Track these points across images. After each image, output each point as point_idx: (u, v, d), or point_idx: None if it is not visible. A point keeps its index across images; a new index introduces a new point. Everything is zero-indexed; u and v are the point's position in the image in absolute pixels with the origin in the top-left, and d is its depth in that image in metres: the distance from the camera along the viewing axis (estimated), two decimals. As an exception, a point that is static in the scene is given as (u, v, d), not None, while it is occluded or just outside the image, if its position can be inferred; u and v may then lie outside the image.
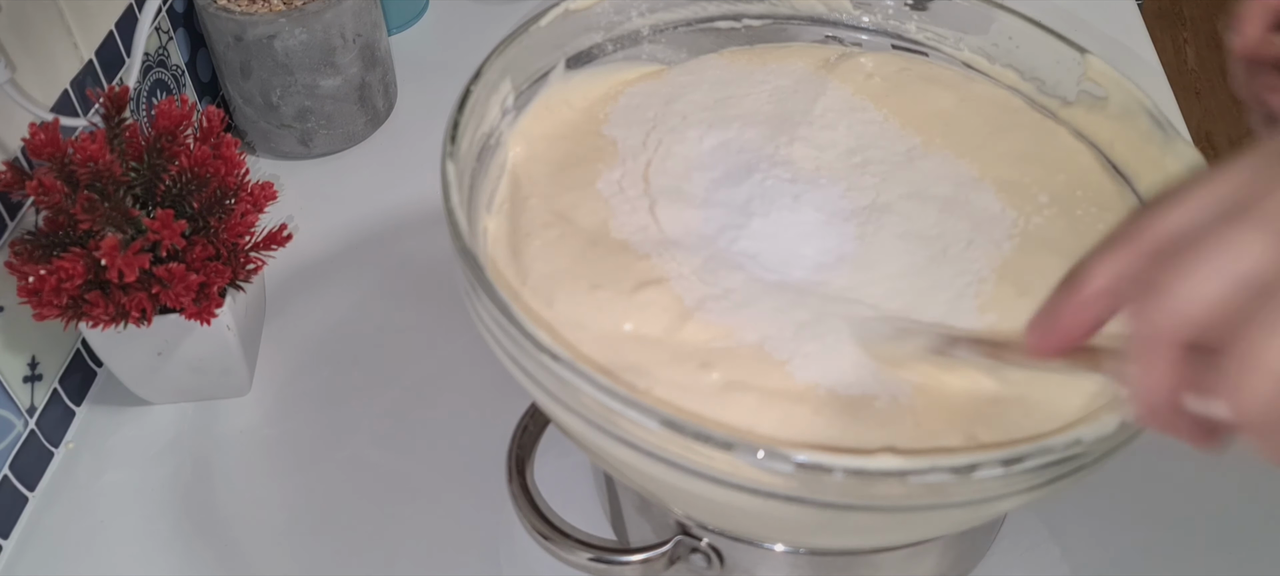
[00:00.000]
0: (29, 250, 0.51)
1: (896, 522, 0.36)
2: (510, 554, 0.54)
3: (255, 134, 0.76)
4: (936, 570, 0.49)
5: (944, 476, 0.32)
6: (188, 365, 0.58)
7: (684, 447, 0.33)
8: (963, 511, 0.35)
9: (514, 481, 0.46)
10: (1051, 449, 0.32)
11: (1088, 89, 0.48)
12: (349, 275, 0.69)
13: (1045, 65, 0.49)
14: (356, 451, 0.59)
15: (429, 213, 0.71)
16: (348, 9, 0.71)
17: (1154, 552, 0.52)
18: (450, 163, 0.41)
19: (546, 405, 0.38)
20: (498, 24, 0.86)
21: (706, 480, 0.34)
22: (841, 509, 0.34)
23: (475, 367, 0.62)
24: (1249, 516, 0.54)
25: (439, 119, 0.42)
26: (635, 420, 0.33)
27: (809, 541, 0.44)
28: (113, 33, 0.65)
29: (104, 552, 0.55)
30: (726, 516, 0.41)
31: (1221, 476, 0.55)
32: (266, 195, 0.55)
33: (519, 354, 0.36)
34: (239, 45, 0.70)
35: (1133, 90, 0.46)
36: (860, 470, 0.32)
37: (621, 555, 0.45)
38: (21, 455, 0.56)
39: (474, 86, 0.44)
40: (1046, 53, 0.49)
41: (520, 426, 0.48)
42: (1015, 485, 0.33)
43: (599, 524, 0.54)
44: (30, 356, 0.57)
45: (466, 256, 0.38)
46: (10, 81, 0.53)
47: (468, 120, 0.43)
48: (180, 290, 0.51)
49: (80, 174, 0.50)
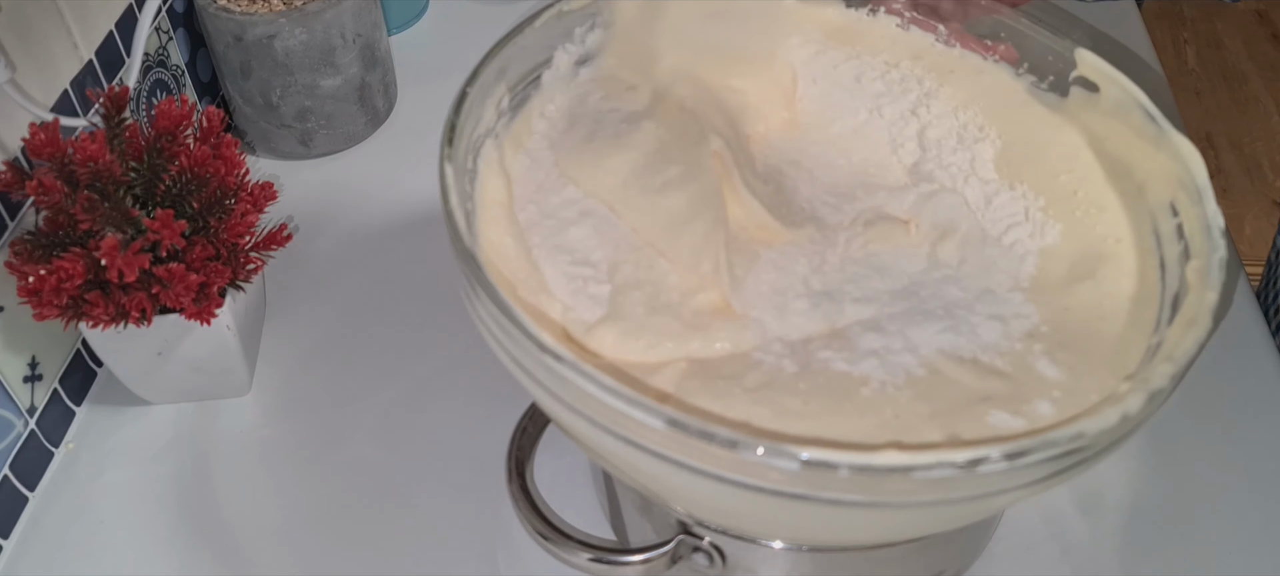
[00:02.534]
0: (29, 250, 0.51)
1: (899, 518, 0.36)
2: (509, 554, 0.54)
3: (255, 134, 0.76)
4: (935, 567, 0.49)
5: (949, 471, 0.32)
6: (188, 365, 0.58)
7: (687, 446, 0.33)
8: (963, 507, 0.35)
9: (513, 482, 0.46)
10: (1055, 442, 0.32)
11: (1080, 83, 0.48)
12: (349, 275, 0.69)
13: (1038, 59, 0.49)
14: (356, 451, 0.59)
15: (429, 213, 0.71)
16: (348, 9, 0.71)
17: (1154, 552, 0.52)
18: (448, 164, 0.41)
19: (547, 405, 0.38)
20: (498, 24, 0.86)
21: (709, 478, 0.34)
22: (844, 505, 0.34)
23: (475, 368, 0.62)
24: (1249, 516, 0.54)
25: (439, 119, 0.42)
26: (639, 420, 0.33)
27: (810, 537, 0.44)
28: (113, 33, 0.65)
29: (104, 552, 0.55)
30: (729, 514, 0.41)
31: (1222, 476, 0.55)
32: (266, 195, 0.55)
33: (520, 354, 0.36)
34: (239, 45, 0.70)
35: (1126, 84, 0.46)
36: (865, 466, 0.32)
37: (622, 555, 0.45)
38: (21, 455, 0.56)
39: (469, 88, 0.44)
40: (1037, 47, 0.49)
41: (520, 427, 0.48)
42: (1017, 479, 0.33)
43: (599, 524, 0.54)
44: (30, 356, 0.57)
45: (466, 256, 0.38)
46: (10, 81, 0.53)
47: (464, 122, 0.43)
48: (180, 290, 0.51)
49: (80, 174, 0.50)
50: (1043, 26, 0.49)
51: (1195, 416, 0.57)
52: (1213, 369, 0.56)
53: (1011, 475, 0.33)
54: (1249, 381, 0.60)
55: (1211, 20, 2.25)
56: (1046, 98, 0.49)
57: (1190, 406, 0.56)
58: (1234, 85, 2.10)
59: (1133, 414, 0.34)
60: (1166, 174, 0.43)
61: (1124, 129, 0.45)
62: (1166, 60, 0.55)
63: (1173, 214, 0.42)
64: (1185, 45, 2.19)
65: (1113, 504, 0.54)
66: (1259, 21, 2.25)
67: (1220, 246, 0.38)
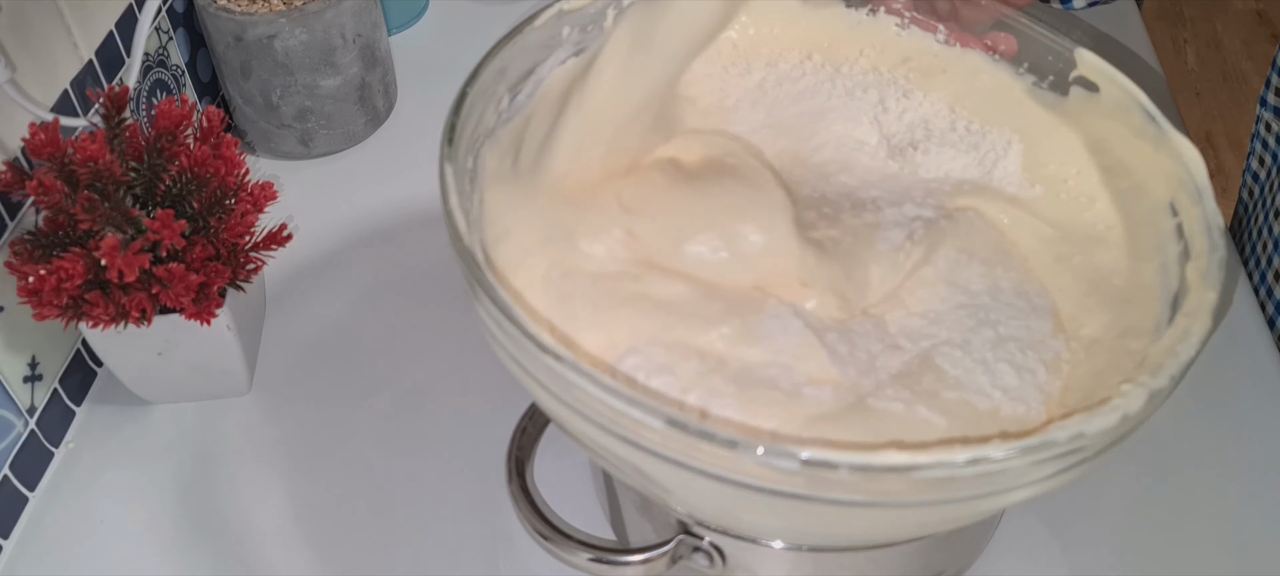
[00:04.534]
0: (29, 250, 0.51)
1: (898, 517, 0.36)
2: (509, 554, 0.54)
3: (255, 134, 0.76)
4: (936, 567, 0.49)
5: (949, 471, 0.32)
6: (188, 365, 0.58)
7: (688, 447, 0.33)
8: (963, 506, 0.35)
9: (514, 481, 0.46)
10: (1054, 443, 0.32)
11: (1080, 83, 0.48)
12: (349, 275, 0.69)
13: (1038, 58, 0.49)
14: (356, 451, 0.59)
15: (429, 213, 0.71)
16: (348, 9, 0.71)
17: (1154, 552, 0.52)
18: (448, 165, 0.41)
19: (547, 405, 0.38)
20: (498, 24, 0.86)
21: (709, 478, 0.34)
22: (844, 505, 0.34)
23: (475, 368, 0.62)
24: (1249, 516, 0.54)
25: (439, 119, 0.42)
26: (639, 420, 0.33)
27: (810, 537, 0.44)
28: (113, 33, 0.65)
29: (104, 552, 0.55)
30: (729, 514, 0.41)
31: (1222, 475, 0.55)
32: (266, 195, 0.55)
33: (520, 354, 0.36)
34: (239, 45, 0.70)
35: (1126, 84, 0.46)
36: (865, 465, 0.32)
37: (622, 555, 0.45)
38: (21, 455, 0.56)
39: (469, 88, 0.44)
40: (1038, 46, 0.49)
41: (520, 427, 0.48)
42: (1016, 479, 0.33)
43: (599, 524, 0.54)
44: (30, 356, 0.57)
45: (466, 256, 0.38)
46: (10, 81, 0.53)
47: (464, 122, 0.43)
48: (180, 290, 0.51)
49: (80, 174, 0.50)
50: (1042, 25, 0.49)
51: (1195, 416, 0.57)
52: (1213, 369, 0.56)
53: (1011, 475, 0.33)
54: (1249, 381, 0.60)
55: (1211, 20, 2.25)
56: (1045, 97, 0.49)
57: (1190, 406, 0.56)
58: (1234, 85, 2.10)
59: (1133, 413, 0.34)
60: (1166, 174, 0.43)
61: (1124, 129, 0.45)
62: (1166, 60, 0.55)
63: (1172, 214, 0.42)
64: (1185, 45, 2.19)
65: (1113, 504, 0.54)
66: (1259, 21, 2.25)
67: (1220, 246, 0.39)
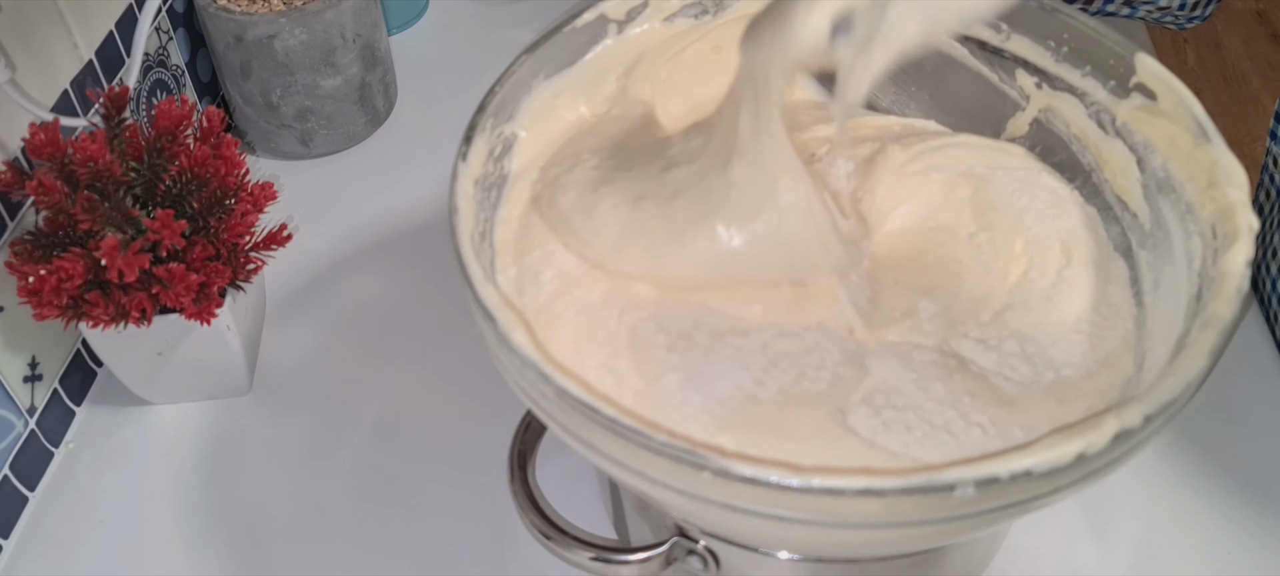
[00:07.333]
0: (29, 250, 0.51)
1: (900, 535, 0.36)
2: (511, 553, 0.54)
3: (255, 134, 0.76)
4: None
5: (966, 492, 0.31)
6: (188, 365, 0.58)
7: (681, 473, 0.33)
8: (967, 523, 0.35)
9: (515, 480, 0.46)
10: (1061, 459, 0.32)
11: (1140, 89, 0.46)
12: (349, 275, 0.69)
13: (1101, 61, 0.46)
14: (356, 451, 0.59)
15: (429, 213, 0.71)
16: (348, 9, 0.71)
17: (1155, 552, 0.52)
18: (462, 162, 0.40)
19: (541, 416, 0.38)
20: (498, 24, 0.86)
21: (717, 506, 0.34)
22: (842, 526, 0.34)
23: (476, 367, 0.62)
24: (1250, 516, 0.54)
25: (439, 119, 0.42)
26: (644, 458, 0.33)
27: (809, 551, 0.44)
28: (113, 33, 0.65)
29: (104, 552, 0.55)
30: (726, 528, 0.41)
31: (1223, 475, 0.55)
32: (266, 195, 0.55)
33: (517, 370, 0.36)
34: (239, 45, 0.70)
35: (1183, 94, 0.43)
36: (869, 489, 0.32)
37: (623, 555, 0.45)
38: (21, 455, 0.56)
39: (499, 88, 0.43)
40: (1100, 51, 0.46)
41: (521, 425, 0.48)
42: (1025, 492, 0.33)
43: (601, 523, 0.54)
44: (30, 356, 0.57)
45: (466, 257, 0.38)
46: (10, 81, 0.53)
47: (486, 120, 0.43)
48: (180, 290, 0.51)
49: (80, 174, 0.50)
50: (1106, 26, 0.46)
51: (1201, 423, 0.57)
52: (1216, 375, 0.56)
53: (1018, 489, 0.32)
54: (1250, 382, 0.60)
55: (1211, 20, 2.25)
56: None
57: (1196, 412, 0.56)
58: (1234, 85, 2.10)
59: (1133, 428, 0.33)
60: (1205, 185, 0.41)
61: (1182, 134, 0.43)
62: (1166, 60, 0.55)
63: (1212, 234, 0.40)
64: (1185, 45, 2.19)
65: (1112, 504, 0.54)
66: (1259, 21, 2.25)
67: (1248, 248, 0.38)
